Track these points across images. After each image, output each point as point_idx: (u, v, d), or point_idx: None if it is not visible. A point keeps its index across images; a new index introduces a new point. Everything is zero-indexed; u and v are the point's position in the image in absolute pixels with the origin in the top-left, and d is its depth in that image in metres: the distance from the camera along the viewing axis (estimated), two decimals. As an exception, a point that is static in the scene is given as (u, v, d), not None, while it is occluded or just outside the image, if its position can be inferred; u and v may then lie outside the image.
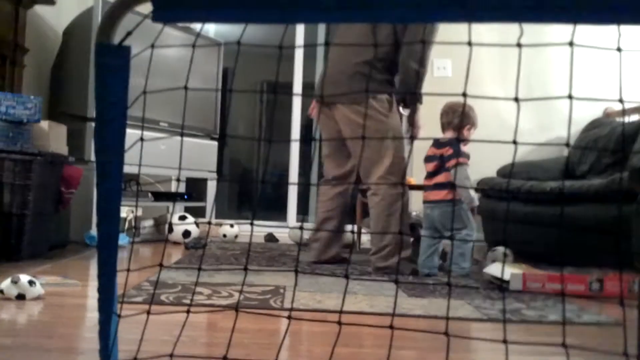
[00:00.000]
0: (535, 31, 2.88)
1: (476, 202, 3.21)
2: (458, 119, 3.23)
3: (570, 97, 0.97)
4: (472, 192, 3.21)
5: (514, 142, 0.94)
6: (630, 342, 1.34)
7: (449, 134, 3.26)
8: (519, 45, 0.94)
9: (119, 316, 1.14)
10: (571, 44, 0.99)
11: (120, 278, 1.17)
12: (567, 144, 0.87)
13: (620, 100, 0.99)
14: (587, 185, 3.35)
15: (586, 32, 4.75)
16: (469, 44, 0.95)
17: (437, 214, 3.17)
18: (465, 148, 3.20)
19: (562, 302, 2.45)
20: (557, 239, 3.46)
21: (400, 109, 3.27)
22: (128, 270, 1.11)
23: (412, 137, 3.41)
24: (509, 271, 2.74)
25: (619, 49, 0.95)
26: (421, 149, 3.42)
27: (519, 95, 3.51)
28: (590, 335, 1.91)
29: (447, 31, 2.72)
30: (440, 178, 3.19)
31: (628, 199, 2.78)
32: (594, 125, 4.50)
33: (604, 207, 3.15)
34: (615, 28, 0.85)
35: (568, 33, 4.58)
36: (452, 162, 3.11)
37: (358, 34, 3.19)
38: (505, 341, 0.88)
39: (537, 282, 2.68)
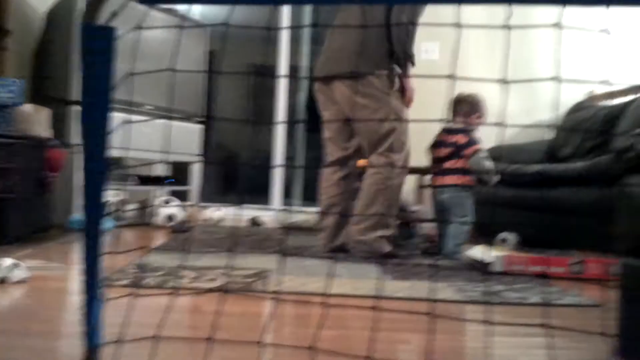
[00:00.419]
0: (521, 14, 2.88)
1: (495, 181, 3.37)
2: (470, 106, 3.40)
3: (556, 79, 0.97)
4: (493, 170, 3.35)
5: (500, 124, 0.95)
6: (609, 322, 1.36)
7: (460, 121, 3.40)
8: (507, 27, 0.95)
9: (104, 299, 1.14)
10: (558, 25, 1.00)
11: (104, 261, 1.17)
12: (550, 126, 0.88)
13: (606, 82, 1.00)
14: (570, 168, 3.38)
15: (571, 15, 4.76)
16: (457, 25, 0.95)
17: (447, 197, 3.28)
18: (476, 135, 3.38)
19: (543, 285, 2.48)
20: (540, 221, 3.49)
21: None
22: (112, 253, 1.11)
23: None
24: (491, 254, 2.77)
25: (603, 31, 0.96)
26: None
27: (506, 78, 3.50)
28: (571, 316, 1.94)
29: (436, 13, 2.72)
30: (454, 164, 3.32)
31: (610, 182, 2.81)
32: (577, 108, 4.53)
33: (587, 189, 3.18)
34: (600, 10, 0.86)
35: (553, 15, 4.59)
36: (471, 149, 3.28)
37: (357, 12, 3.13)
38: (486, 322, 0.89)
39: (520, 265, 2.71)
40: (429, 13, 3.13)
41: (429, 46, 4.90)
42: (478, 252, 2.91)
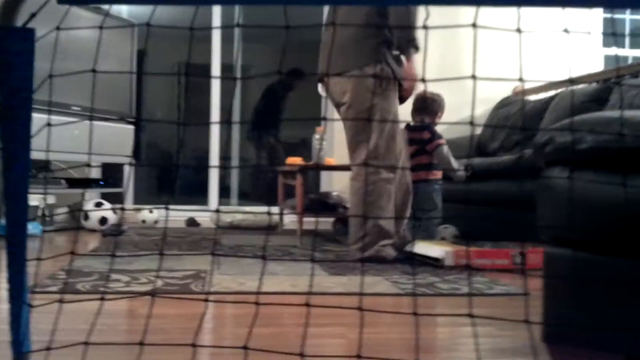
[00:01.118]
0: (446, 13, 2.96)
1: (463, 176, 3.45)
2: (438, 105, 3.61)
3: (473, 77, 1.01)
4: (457, 166, 3.48)
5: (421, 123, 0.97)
6: (536, 310, 1.42)
7: (424, 119, 3.56)
8: (425, 27, 0.98)
9: (31, 306, 1.11)
10: (474, 25, 1.03)
11: (32, 267, 1.14)
12: (471, 123, 0.91)
13: (521, 79, 1.04)
14: (496, 162, 3.50)
15: (495, 11, 4.91)
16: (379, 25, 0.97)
17: (417, 193, 3.33)
18: (437, 131, 3.56)
19: (476, 276, 2.56)
20: (474, 214, 3.60)
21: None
22: (39, 259, 1.08)
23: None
24: (437, 249, 2.84)
25: (518, 30, 1.00)
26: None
27: (433, 76, 3.58)
28: (501, 305, 2.01)
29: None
30: (420, 160, 3.45)
31: (533, 175, 2.92)
32: (503, 103, 4.69)
33: (513, 182, 3.30)
34: (522, 10, 0.90)
35: (477, 15, 4.72)
36: (434, 144, 3.45)
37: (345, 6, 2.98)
38: (415, 314, 0.92)
39: (467, 258, 2.79)
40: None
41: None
42: (424, 248, 2.97)
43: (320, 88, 3.25)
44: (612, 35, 5.45)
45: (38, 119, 1.12)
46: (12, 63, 1.10)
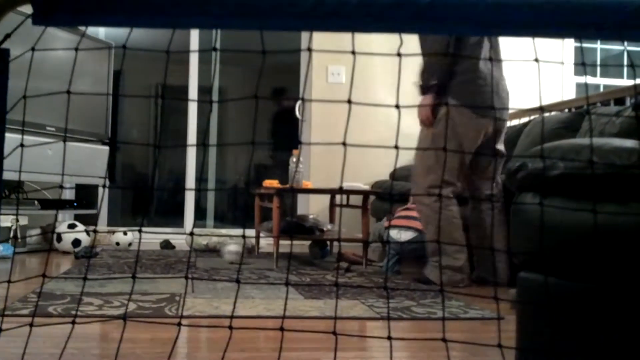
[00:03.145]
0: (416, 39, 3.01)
1: None
2: None
3: (446, 104, 1.03)
4: None
5: (396, 147, 0.99)
6: (510, 334, 1.43)
7: None
8: (398, 54, 0.99)
9: (0, 330, 1.09)
10: (447, 54, 1.05)
11: (1, 290, 1.12)
12: (444, 149, 0.92)
13: (492, 107, 1.06)
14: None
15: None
16: (352, 52, 0.99)
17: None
18: None
19: (450, 299, 2.57)
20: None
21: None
22: (9, 281, 1.06)
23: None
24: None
25: (490, 59, 1.02)
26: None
27: (406, 102, 3.62)
28: (475, 329, 2.02)
29: (341, 39, 2.78)
30: None
31: (509, 199, 2.95)
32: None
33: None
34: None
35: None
36: None
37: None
38: (389, 337, 0.92)
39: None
40: (336, 38, 3.20)
41: (335, 69, 4.99)
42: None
43: (297, 111, 3.27)
44: (582, 65, 5.59)
45: (11, 138, 1.11)
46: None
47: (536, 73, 5.28)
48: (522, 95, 5.19)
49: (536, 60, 1.03)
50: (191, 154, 5.35)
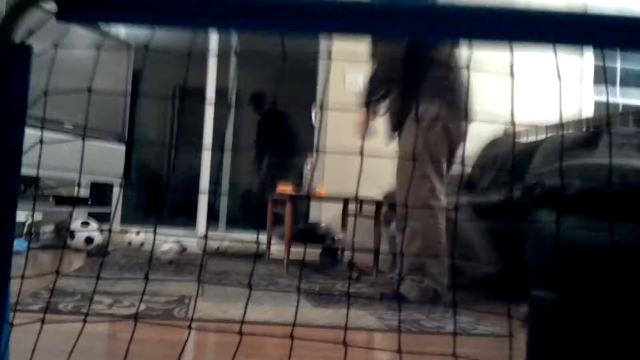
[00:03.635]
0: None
1: None
2: None
3: (466, 117, 1.02)
4: None
5: (413, 160, 0.98)
6: (518, 352, 1.42)
7: None
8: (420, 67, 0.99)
9: (12, 324, 1.10)
10: (467, 67, 1.05)
11: (14, 285, 1.12)
12: (461, 163, 0.92)
13: (513, 123, 1.05)
14: (485, 201, 3.51)
15: (488, 53, 4.98)
16: (374, 56, 0.98)
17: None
18: None
19: (459, 314, 2.55)
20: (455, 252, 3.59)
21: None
22: (23, 277, 1.07)
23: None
24: None
25: (511, 74, 1.01)
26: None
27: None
28: (484, 346, 2.00)
29: (360, 45, 2.79)
30: None
31: (521, 215, 2.93)
32: (494, 143, 4.72)
33: (500, 222, 3.30)
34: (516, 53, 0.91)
35: (481, 54, 4.79)
36: None
37: None
38: (399, 351, 0.91)
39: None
40: (353, 44, 3.18)
41: (352, 77, 4.99)
42: None
43: (313, 117, 3.26)
44: (604, 82, 5.53)
45: (30, 134, 1.12)
46: (8, 79, 1.11)
47: (553, 89, 5.24)
48: (538, 111, 5.16)
49: (558, 77, 1.02)
50: (206, 157, 5.36)
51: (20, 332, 1.26)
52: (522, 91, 5.24)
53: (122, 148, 4.64)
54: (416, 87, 2.85)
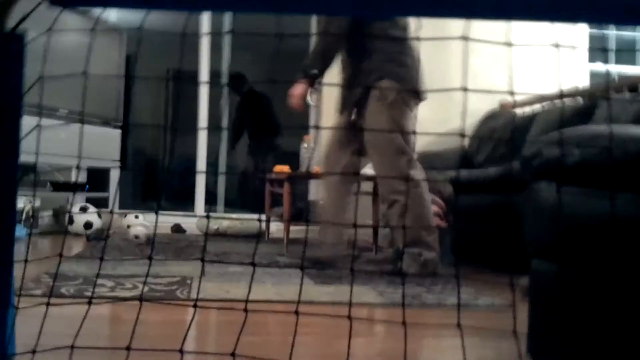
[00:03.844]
0: (435, 25, 2.98)
1: None
2: None
3: (464, 89, 1.02)
4: None
5: (414, 133, 0.98)
6: (520, 324, 1.43)
7: None
8: (417, 38, 0.98)
9: (17, 308, 1.10)
10: (465, 38, 1.05)
11: (16, 270, 1.13)
12: (462, 134, 0.92)
13: (511, 93, 1.05)
14: (482, 175, 3.52)
15: (484, 25, 4.95)
16: (371, 35, 0.98)
17: None
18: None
19: (459, 287, 2.57)
20: (455, 227, 3.60)
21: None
22: (25, 261, 1.07)
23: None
24: None
25: (508, 44, 1.01)
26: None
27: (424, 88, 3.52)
28: (486, 317, 2.02)
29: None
30: None
31: (520, 188, 2.94)
32: (490, 116, 4.72)
33: (498, 195, 3.31)
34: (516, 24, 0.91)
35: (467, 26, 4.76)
36: None
37: None
38: (404, 323, 0.92)
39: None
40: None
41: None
42: None
43: (309, 97, 3.24)
44: (601, 50, 5.51)
45: (26, 121, 1.12)
46: (3, 66, 1.10)
47: (547, 59, 5.23)
48: (532, 82, 5.15)
49: (556, 45, 1.02)
50: (202, 139, 5.35)
51: (24, 316, 1.26)
52: (515, 63, 5.22)
53: (117, 132, 4.63)
54: (363, 61, 2.89)
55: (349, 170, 3.07)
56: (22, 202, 3.82)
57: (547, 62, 5.24)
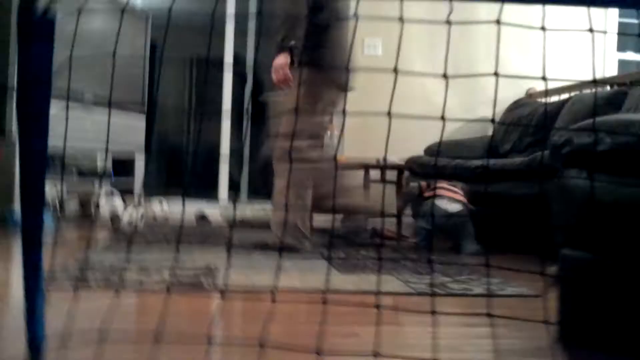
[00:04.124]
0: (464, 10, 2.94)
1: None
2: None
3: (496, 74, 1.00)
4: None
5: (442, 118, 0.97)
6: (550, 311, 1.41)
7: None
8: (448, 22, 0.96)
9: (47, 296, 1.11)
10: (498, 22, 1.02)
11: (45, 258, 1.14)
12: (492, 120, 0.90)
13: (544, 78, 1.03)
14: (509, 163, 3.47)
15: (512, 12, 4.88)
16: (401, 19, 0.96)
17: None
18: None
19: (486, 276, 2.54)
20: (483, 216, 3.57)
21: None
22: (54, 248, 1.08)
23: None
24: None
25: (543, 28, 0.99)
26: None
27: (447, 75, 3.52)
28: (513, 306, 1.99)
29: (379, 9, 2.74)
30: None
31: (548, 176, 2.90)
32: (516, 105, 4.65)
33: (525, 184, 3.28)
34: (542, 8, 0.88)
35: (495, 12, 4.69)
36: None
37: None
38: (433, 312, 0.91)
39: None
40: (372, 7, 3.15)
41: (371, 41, 4.93)
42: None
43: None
44: (637, 35, 5.40)
45: (53, 105, 1.12)
46: (32, 49, 1.10)
47: (574, 48, 5.13)
48: (559, 70, 5.07)
49: (590, 30, 0.99)
50: (226, 126, 5.35)
51: (51, 303, 1.27)
52: (542, 50, 5.14)
53: (142, 118, 4.65)
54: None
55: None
56: (48, 190, 3.86)
57: (575, 51, 5.16)
